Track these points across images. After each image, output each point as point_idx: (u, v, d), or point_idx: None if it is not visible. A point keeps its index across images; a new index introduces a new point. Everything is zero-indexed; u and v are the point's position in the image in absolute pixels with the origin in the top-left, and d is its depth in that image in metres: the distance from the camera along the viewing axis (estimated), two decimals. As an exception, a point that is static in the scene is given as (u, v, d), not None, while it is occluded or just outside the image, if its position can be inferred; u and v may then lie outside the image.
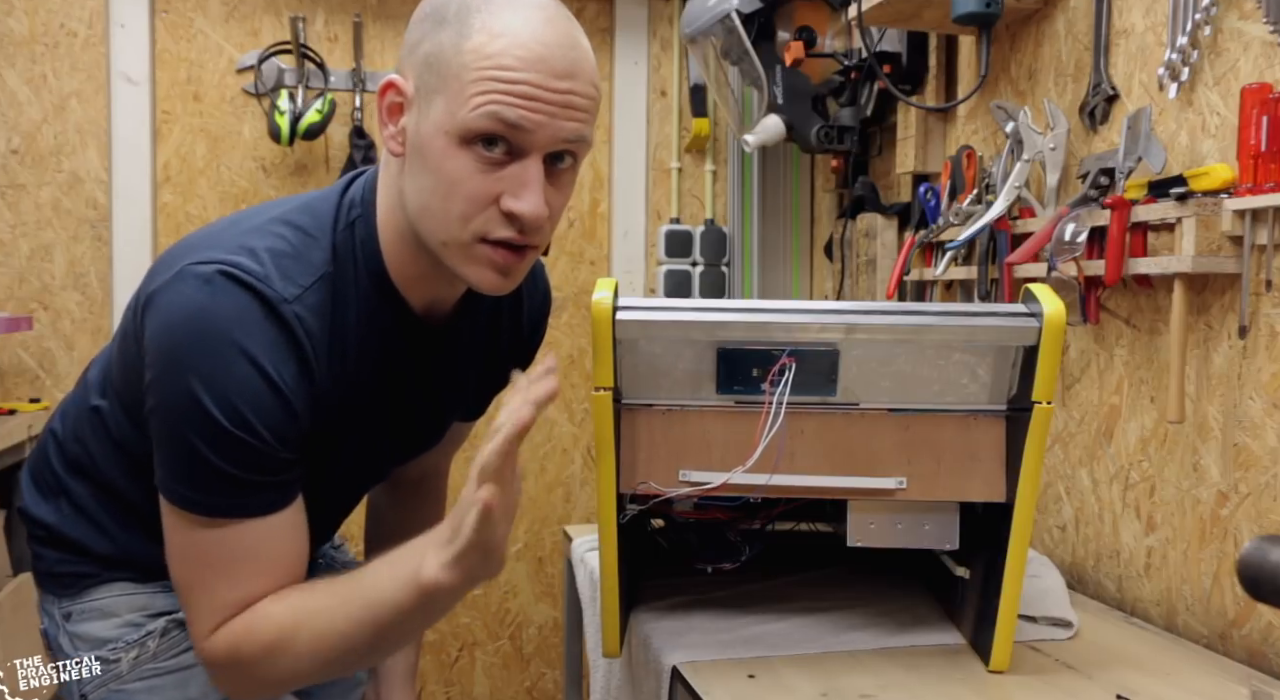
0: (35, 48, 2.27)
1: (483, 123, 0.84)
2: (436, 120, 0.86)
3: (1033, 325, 1.04)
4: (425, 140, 0.87)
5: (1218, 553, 1.26)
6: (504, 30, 0.84)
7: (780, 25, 2.12)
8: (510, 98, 0.83)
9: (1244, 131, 1.16)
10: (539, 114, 0.84)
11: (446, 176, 0.86)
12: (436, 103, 0.86)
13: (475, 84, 0.84)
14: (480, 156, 0.85)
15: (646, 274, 2.64)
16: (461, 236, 0.88)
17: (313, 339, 0.88)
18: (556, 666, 2.66)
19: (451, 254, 0.89)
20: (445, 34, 0.86)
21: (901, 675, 1.10)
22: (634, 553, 1.32)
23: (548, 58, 0.84)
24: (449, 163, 0.86)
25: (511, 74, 0.83)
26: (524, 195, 0.86)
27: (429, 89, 0.87)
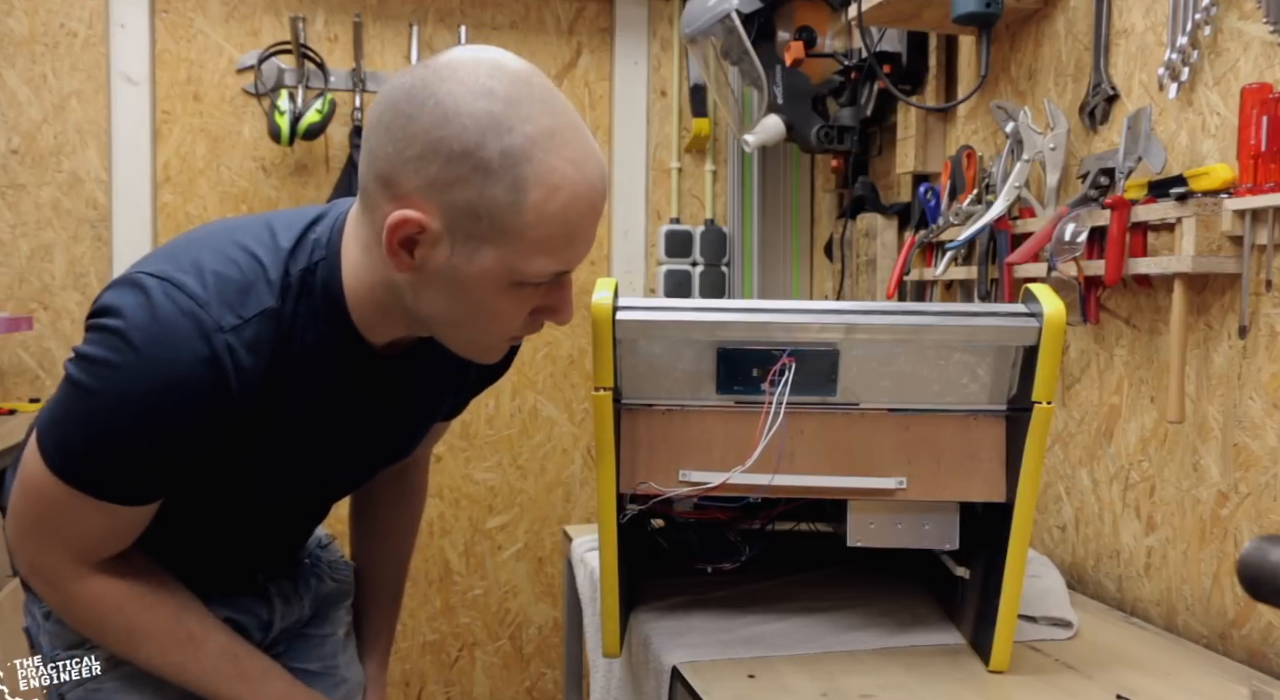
0: (35, 48, 2.27)
1: (549, 268, 0.85)
2: (488, 268, 0.84)
3: (1033, 325, 1.04)
4: (467, 280, 0.85)
5: (1218, 553, 1.26)
6: (561, 183, 0.82)
7: (780, 25, 2.12)
8: (575, 241, 0.85)
9: (1244, 131, 1.16)
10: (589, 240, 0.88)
11: (491, 311, 0.87)
12: (486, 252, 0.83)
13: (541, 243, 0.83)
14: (531, 290, 0.87)
15: (646, 274, 2.64)
16: (498, 345, 0.93)
17: (241, 372, 0.86)
18: (556, 666, 2.66)
19: (471, 353, 0.94)
20: (496, 188, 0.80)
21: (901, 675, 1.10)
22: (634, 553, 1.32)
23: (596, 201, 0.85)
24: (497, 302, 0.87)
25: (575, 229, 0.84)
26: (563, 310, 0.90)
27: (474, 236, 0.83)
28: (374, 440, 1.05)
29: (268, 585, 1.13)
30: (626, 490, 1.13)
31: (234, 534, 1.06)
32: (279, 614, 1.14)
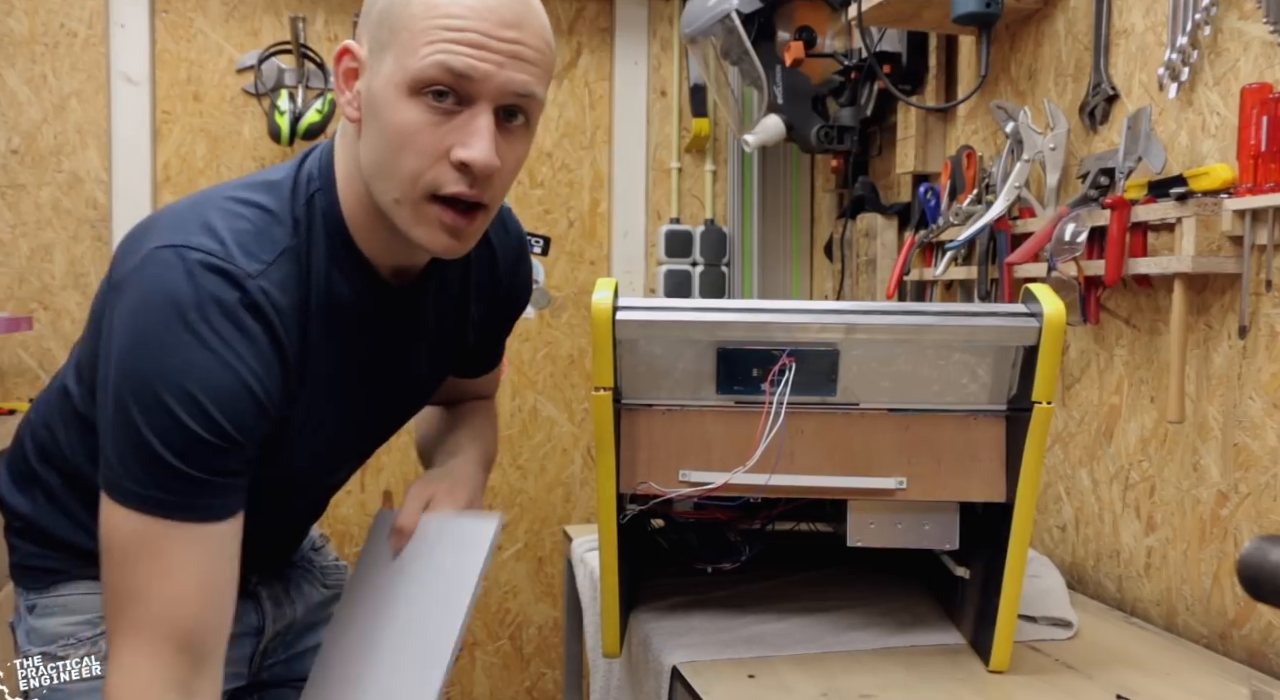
0: (35, 48, 2.27)
1: (431, 72, 0.84)
2: (387, 74, 0.86)
3: (1033, 325, 1.04)
4: (377, 96, 0.87)
5: (1218, 553, 1.26)
6: None
7: (780, 25, 2.12)
8: (458, 46, 0.84)
9: (1244, 131, 1.16)
10: (486, 63, 0.85)
11: (397, 130, 0.86)
12: (387, 58, 0.87)
13: (423, 34, 0.84)
14: (430, 107, 0.85)
15: (646, 274, 2.64)
16: (412, 193, 0.88)
17: (280, 314, 0.87)
18: (556, 666, 2.66)
19: (403, 213, 0.89)
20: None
21: (901, 675, 1.10)
22: (634, 553, 1.32)
23: (495, 7, 0.85)
24: (399, 116, 0.86)
25: (459, 23, 0.84)
26: (473, 143, 0.86)
27: (381, 45, 0.87)
28: (396, 383, 1.04)
29: (259, 589, 1.11)
30: (626, 490, 1.13)
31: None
32: (270, 618, 1.12)
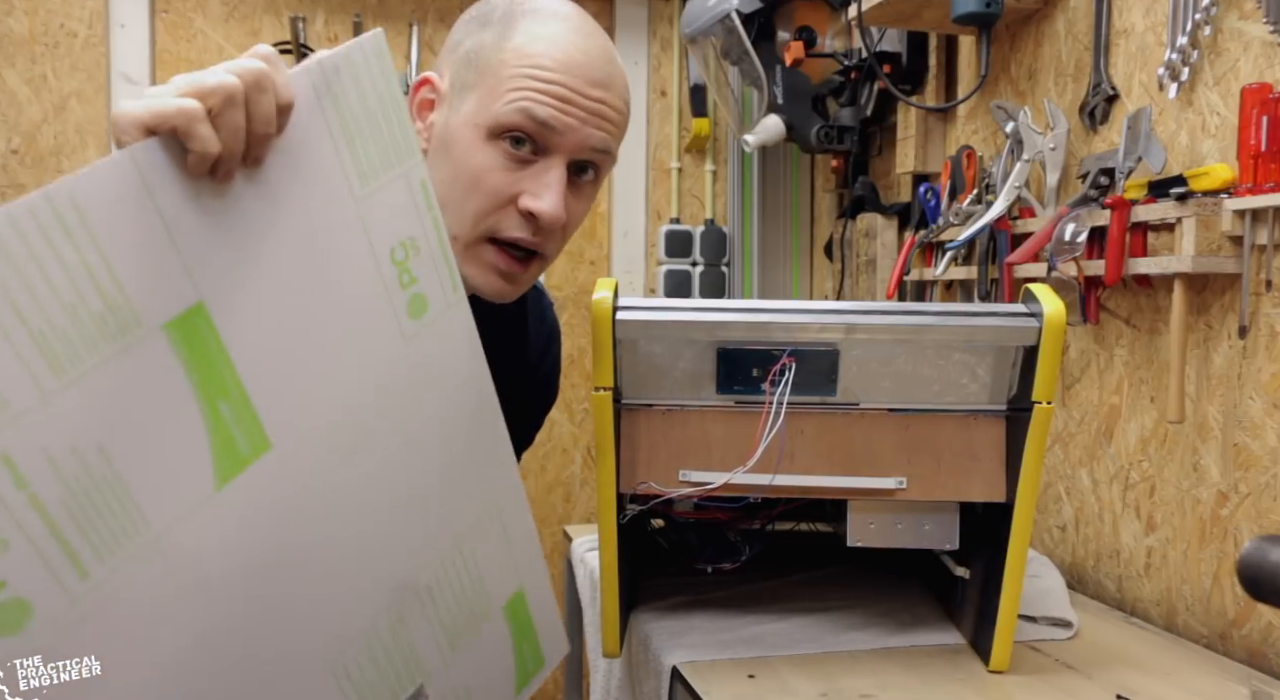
0: (35, 48, 2.27)
1: (514, 118, 0.85)
2: (468, 113, 0.87)
3: (1033, 325, 1.04)
4: (454, 133, 0.88)
5: (1218, 553, 1.26)
6: (546, 35, 0.87)
7: (780, 25, 2.12)
8: (544, 97, 0.85)
9: (1244, 131, 1.16)
10: (569, 116, 0.86)
11: (469, 169, 0.87)
12: (470, 98, 0.88)
13: (511, 80, 0.86)
14: (506, 153, 0.87)
15: (646, 274, 2.64)
16: (472, 233, 0.88)
17: None
18: (557, 666, 2.66)
19: (458, 251, 0.88)
20: (488, 34, 0.89)
21: (901, 675, 1.10)
22: (634, 553, 1.32)
23: (585, 65, 0.87)
24: (474, 156, 0.87)
25: (548, 74, 0.86)
26: (544, 194, 0.87)
27: (464, 85, 0.89)
28: None
29: None
30: (626, 490, 1.13)
31: None
32: None
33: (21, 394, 0.56)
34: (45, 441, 0.57)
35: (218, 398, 0.65)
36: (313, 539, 0.74)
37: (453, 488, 0.87)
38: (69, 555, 0.58)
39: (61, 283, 0.56)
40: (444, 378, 0.83)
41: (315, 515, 0.74)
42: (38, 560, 0.57)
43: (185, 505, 0.64)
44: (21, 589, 0.56)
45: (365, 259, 0.74)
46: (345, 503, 0.76)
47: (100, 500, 0.60)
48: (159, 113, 0.60)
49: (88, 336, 0.58)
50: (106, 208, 0.58)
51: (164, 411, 0.63)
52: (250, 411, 0.67)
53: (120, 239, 0.58)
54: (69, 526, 0.58)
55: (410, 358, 0.79)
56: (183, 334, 0.63)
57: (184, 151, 0.61)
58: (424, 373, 0.81)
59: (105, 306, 0.59)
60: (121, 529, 0.61)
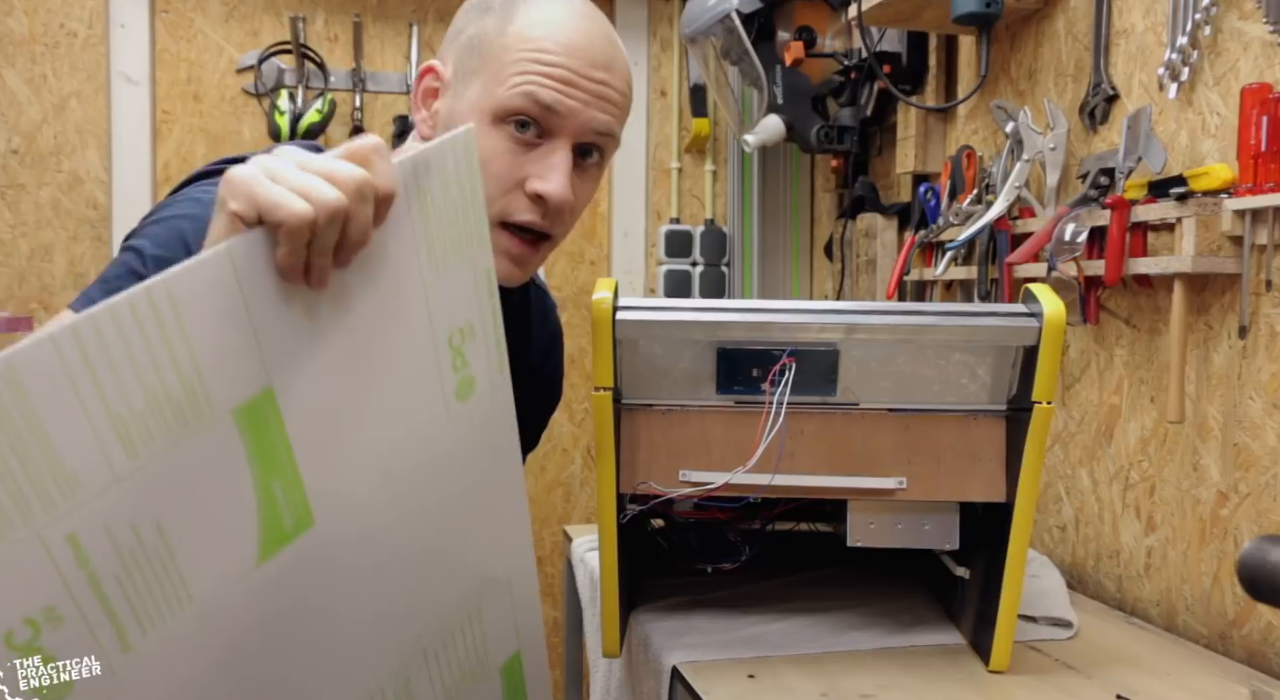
0: (35, 48, 2.27)
1: (518, 101, 0.86)
2: (472, 99, 0.88)
3: (1033, 325, 1.04)
4: (458, 119, 0.88)
5: (1218, 553, 1.26)
6: (547, 19, 0.88)
7: (780, 25, 2.12)
8: (547, 80, 0.86)
9: (1244, 131, 1.16)
10: (573, 99, 0.87)
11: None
12: (474, 83, 0.88)
13: (514, 64, 0.86)
14: (511, 137, 0.87)
15: (646, 274, 2.64)
16: (491, 211, 0.88)
17: None
18: (556, 666, 2.66)
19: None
20: (489, 20, 0.89)
21: (901, 675, 1.10)
22: (634, 553, 1.32)
23: (587, 48, 0.88)
24: (480, 141, 0.86)
25: (551, 57, 0.86)
26: (550, 177, 0.87)
27: (468, 71, 0.89)
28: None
29: None
30: (626, 490, 1.13)
31: None
32: None
33: (95, 476, 0.56)
34: (109, 519, 0.57)
35: (272, 478, 0.66)
36: (336, 607, 0.75)
37: (474, 558, 0.88)
38: (116, 629, 0.59)
39: (147, 371, 0.57)
40: (480, 455, 0.84)
41: (342, 586, 0.74)
42: (88, 635, 0.57)
43: (227, 579, 0.65)
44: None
45: (424, 342, 0.75)
46: (372, 573, 0.77)
47: (150, 574, 0.60)
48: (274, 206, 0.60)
49: (163, 422, 0.58)
50: (200, 302, 0.59)
51: (221, 491, 0.63)
52: (300, 490, 0.68)
53: (207, 330, 0.59)
54: (119, 601, 0.59)
55: (451, 436, 0.79)
56: (249, 419, 0.63)
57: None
58: (462, 451, 0.81)
59: (183, 393, 0.59)
60: (166, 601, 0.61)
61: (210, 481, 0.62)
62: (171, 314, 0.57)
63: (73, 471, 0.55)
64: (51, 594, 0.55)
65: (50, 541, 0.55)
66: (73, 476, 0.55)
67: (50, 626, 0.55)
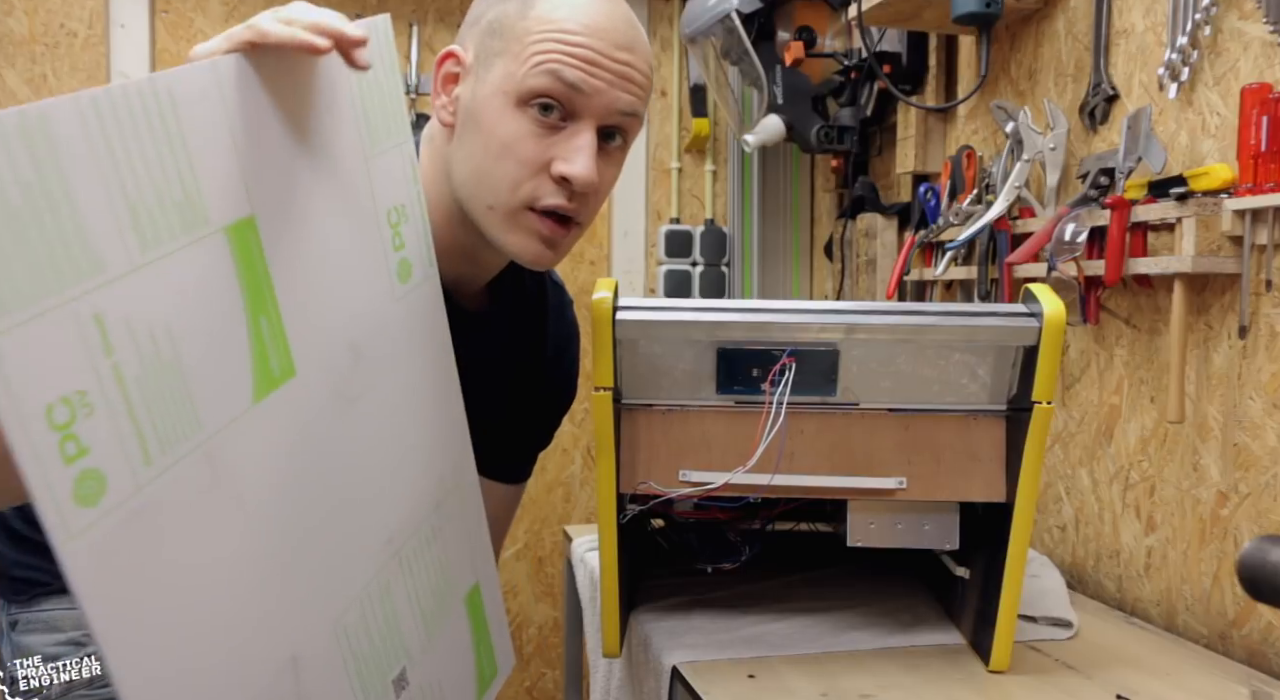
0: (35, 48, 2.27)
1: (542, 82, 0.85)
2: (495, 82, 0.87)
3: (1033, 325, 1.04)
4: (481, 103, 0.88)
5: (1218, 553, 1.26)
6: (568, 1, 0.87)
7: (780, 25, 2.12)
8: (571, 59, 0.85)
9: (1244, 131, 1.16)
10: (598, 79, 0.86)
11: (500, 139, 0.87)
12: (496, 66, 0.88)
13: (537, 45, 0.86)
14: (535, 120, 0.87)
15: (646, 274, 2.64)
16: (510, 201, 0.88)
17: None
18: (556, 666, 2.66)
19: (496, 221, 0.89)
20: (511, 3, 0.89)
21: (901, 675, 1.10)
22: (634, 553, 1.32)
23: (610, 29, 0.87)
24: (504, 124, 0.87)
25: (574, 38, 0.86)
26: (576, 159, 0.87)
27: (490, 54, 0.88)
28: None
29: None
30: (626, 490, 1.13)
31: None
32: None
33: (116, 260, 0.55)
34: (129, 313, 0.56)
35: (260, 313, 0.66)
36: (321, 477, 0.75)
37: (427, 454, 0.89)
38: (139, 436, 0.57)
39: (155, 165, 0.58)
40: (422, 344, 0.86)
41: (324, 454, 0.74)
42: (115, 433, 0.55)
43: (229, 413, 0.64)
44: (100, 459, 0.54)
45: (370, 215, 0.77)
46: (348, 446, 0.77)
47: (165, 388, 0.59)
48: (232, 36, 0.64)
49: (170, 222, 0.59)
50: (192, 105, 0.61)
51: (219, 312, 0.63)
52: (282, 334, 0.69)
53: (199, 137, 0.61)
54: (140, 406, 0.57)
55: (398, 319, 0.82)
56: (238, 241, 0.64)
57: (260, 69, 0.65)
58: (407, 335, 0.83)
59: (184, 197, 0.60)
60: (181, 422, 0.60)
61: (209, 299, 0.63)
62: (171, 108, 0.59)
63: (96, 246, 0.54)
64: (83, 377, 0.53)
65: (81, 317, 0.53)
66: (97, 251, 0.54)
67: (84, 412, 0.52)
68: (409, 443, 0.86)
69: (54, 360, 0.51)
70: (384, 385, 0.81)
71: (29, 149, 0.50)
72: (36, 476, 0.49)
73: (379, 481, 0.83)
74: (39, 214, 0.50)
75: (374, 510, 0.82)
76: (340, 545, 0.78)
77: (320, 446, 0.74)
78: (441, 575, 0.92)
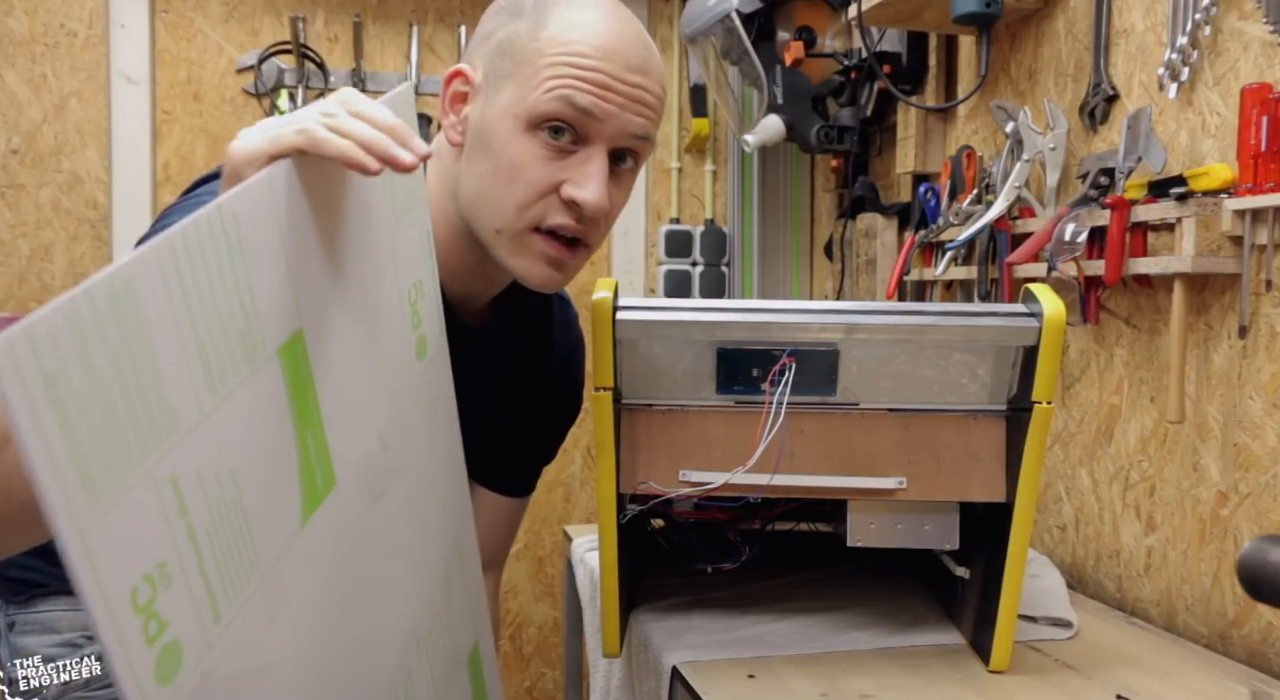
0: (35, 48, 2.27)
1: (553, 106, 0.84)
2: (505, 104, 0.86)
3: (1033, 325, 1.04)
4: (490, 125, 0.87)
5: (1218, 553, 1.26)
6: (581, 22, 0.86)
7: (780, 25, 2.12)
8: (583, 84, 0.84)
9: (1244, 131, 1.16)
10: (610, 103, 0.85)
11: (509, 161, 0.86)
12: (506, 88, 0.86)
13: (549, 69, 0.85)
14: (546, 144, 0.86)
15: (646, 274, 2.64)
16: (517, 224, 0.87)
17: None
18: (556, 666, 2.66)
19: (504, 243, 0.89)
20: (521, 23, 0.88)
21: (901, 675, 1.10)
22: (634, 553, 1.32)
23: (622, 51, 0.86)
24: (514, 147, 0.86)
25: (586, 61, 0.85)
26: (587, 184, 0.86)
27: (500, 75, 0.87)
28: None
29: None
30: (626, 490, 1.12)
31: None
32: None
33: (188, 411, 0.50)
34: (199, 464, 0.51)
35: (306, 428, 0.63)
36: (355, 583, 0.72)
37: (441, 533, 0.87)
38: (209, 594, 0.52)
39: (221, 296, 0.53)
40: (434, 418, 0.83)
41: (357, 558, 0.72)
42: (189, 599, 0.50)
43: (283, 542, 0.60)
44: (178, 630, 0.49)
45: (394, 296, 0.75)
46: (376, 543, 0.75)
47: (230, 533, 0.54)
48: (279, 139, 0.60)
49: (234, 355, 0.55)
50: (253, 225, 0.57)
51: (272, 438, 0.60)
52: (325, 445, 0.65)
53: (256, 256, 0.57)
54: (210, 559, 0.52)
55: (415, 397, 0.79)
56: (290, 359, 0.61)
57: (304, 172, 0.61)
58: (423, 414, 0.81)
59: (246, 324, 0.56)
60: (243, 565, 0.56)
61: (265, 430, 0.58)
62: (236, 235, 0.55)
63: (173, 403, 0.49)
64: (163, 548, 0.48)
65: (159, 482, 0.48)
66: (173, 409, 0.49)
67: (164, 586, 0.48)
68: (428, 526, 0.84)
69: (136, 537, 0.47)
70: (406, 472, 0.79)
71: (117, 318, 0.45)
72: (121, 662, 0.45)
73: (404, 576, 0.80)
74: (125, 383, 0.46)
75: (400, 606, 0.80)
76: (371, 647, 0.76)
77: (353, 551, 0.71)
78: (450, 643, 0.91)
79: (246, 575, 0.56)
